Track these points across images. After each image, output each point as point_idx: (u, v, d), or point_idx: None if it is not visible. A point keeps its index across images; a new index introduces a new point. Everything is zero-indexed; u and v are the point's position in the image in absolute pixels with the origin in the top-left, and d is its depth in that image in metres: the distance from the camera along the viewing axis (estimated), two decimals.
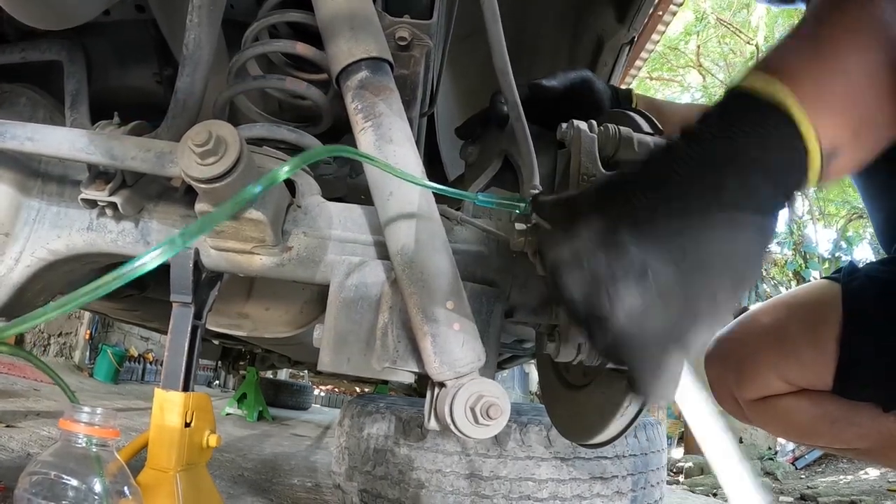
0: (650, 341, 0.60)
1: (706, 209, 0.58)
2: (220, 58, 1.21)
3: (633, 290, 0.58)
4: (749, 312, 1.47)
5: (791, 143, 0.60)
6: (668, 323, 0.59)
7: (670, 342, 0.60)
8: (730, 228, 0.58)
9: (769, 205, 0.60)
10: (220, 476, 2.72)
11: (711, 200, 0.58)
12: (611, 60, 2.05)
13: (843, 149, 0.63)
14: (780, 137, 0.60)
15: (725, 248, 0.59)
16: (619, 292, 0.59)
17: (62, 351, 7.62)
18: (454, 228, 0.95)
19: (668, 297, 0.58)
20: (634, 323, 0.59)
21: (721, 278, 0.59)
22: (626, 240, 0.59)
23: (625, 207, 0.61)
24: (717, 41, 17.29)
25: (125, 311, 2.62)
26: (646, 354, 0.60)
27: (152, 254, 0.47)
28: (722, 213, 0.58)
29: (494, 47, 0.89)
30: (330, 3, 0.93)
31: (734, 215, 0.58)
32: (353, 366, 0.86)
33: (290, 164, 0.61)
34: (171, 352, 1.00)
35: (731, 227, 0.58)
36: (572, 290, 0.62)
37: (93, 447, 0.84)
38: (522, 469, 1.78)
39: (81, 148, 0.92)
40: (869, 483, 5.07)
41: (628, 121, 1.00)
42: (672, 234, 0.59)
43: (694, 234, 0.58)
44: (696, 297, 0.59)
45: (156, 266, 0.48)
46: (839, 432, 1.34)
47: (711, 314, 0.60)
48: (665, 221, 0.59)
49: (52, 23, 0.98)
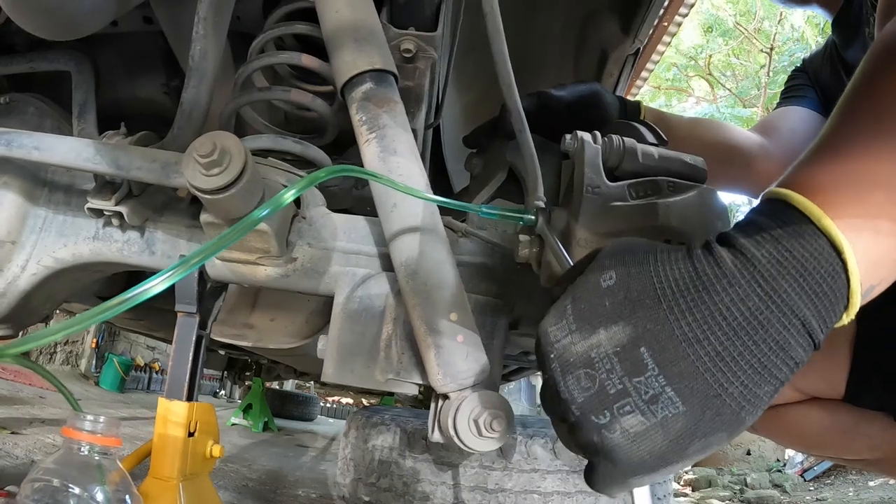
0: (628, 464, 0.58)
1: (739, 354, 0.55)
2: (227, 69, 1.21)
3: (638, 414, 0.56)
4: None
5: (839, 294, 0.57)
6: (653, 454, 0.57)
7: (646, 470, 0.58)
8: (753, 377, 0.56)
9: (799, 355, 0.57)
10: (225, 486, 2.72)
11: (746, 343, 0.55)
12: (616, 71, 2.04)
13: (879, 285, 0.61)
14: (832, 288, 0.57)
15: (741, 399, 0.56)
16: (624, 412, 0.57)
17: (68, 359, 7.64)
18: (459, 240, 0.95)
19: (667, 430, 0.56)
20: (624, 443, 0.57)
21: (723, 428, 0.57)
22: (648, 363, 0.57)
23: (655, 324, 0.58)
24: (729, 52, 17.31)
25: (131, 321, 2.63)
26: (618, 471, 0.58)
27: (160, 278, 0.47)
28: (752, 359, 0.55)
29: (498, 59, 0.89)
30: (335, 15, 0.93)
31: (762, 363, 0.56)
32: (356, 377, 0.86)
33: (296, 188, 0.61)
34: (176, 361, 1.00)
35: (754, 375, 0.56)
36: (574, 394, 0.59)
37: (95, 455, 0.84)
38: (528, 482, 1.77)
39: (88, 158, 0.93)
40: (878, 494, 5.04)
41: (633, 132, 0.99)
42: (697, 373, 0.56)
43: (717, 379, 0.56)
44: (692, 439, 0.57)
45: (163, 289, 0.48)
46: (850, 442, 1.32)
47: (696, 456, 0.58)
48: (693, 357, 0.56)
49: (59, 33, 0.99)
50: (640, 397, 0.56)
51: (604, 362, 0.58)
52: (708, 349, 0.56)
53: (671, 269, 0.59)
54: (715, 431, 0.57)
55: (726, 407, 0.56)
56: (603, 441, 0.58)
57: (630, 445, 0.57)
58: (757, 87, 16.63)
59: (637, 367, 0.57)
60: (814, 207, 0.58)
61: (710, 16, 16.95)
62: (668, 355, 0.56)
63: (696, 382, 0.56)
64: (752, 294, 0.56)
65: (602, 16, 1.90)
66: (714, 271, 0.57)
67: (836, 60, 1.78)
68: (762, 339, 0.55)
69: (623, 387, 0.57)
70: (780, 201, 0.60)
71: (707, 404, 0.56)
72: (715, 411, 0.56)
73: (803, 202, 0.58)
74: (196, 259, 0.50)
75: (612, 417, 0.57)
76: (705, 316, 0.56)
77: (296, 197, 0.61)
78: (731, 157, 1.61)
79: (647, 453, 0.57)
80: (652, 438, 0.57)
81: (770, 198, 0.62)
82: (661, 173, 0.90)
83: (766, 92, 15.29)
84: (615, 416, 0.57)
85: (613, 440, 0.57)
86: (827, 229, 0.57)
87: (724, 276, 0.57)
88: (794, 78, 1.95)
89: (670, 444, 0.57)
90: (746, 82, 17.54)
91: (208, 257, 0.51)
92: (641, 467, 0.58)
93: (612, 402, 0.57)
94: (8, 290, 1.05)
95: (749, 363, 0.55)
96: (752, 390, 0.56)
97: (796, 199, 0.59)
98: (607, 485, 0.61)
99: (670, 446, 0.57)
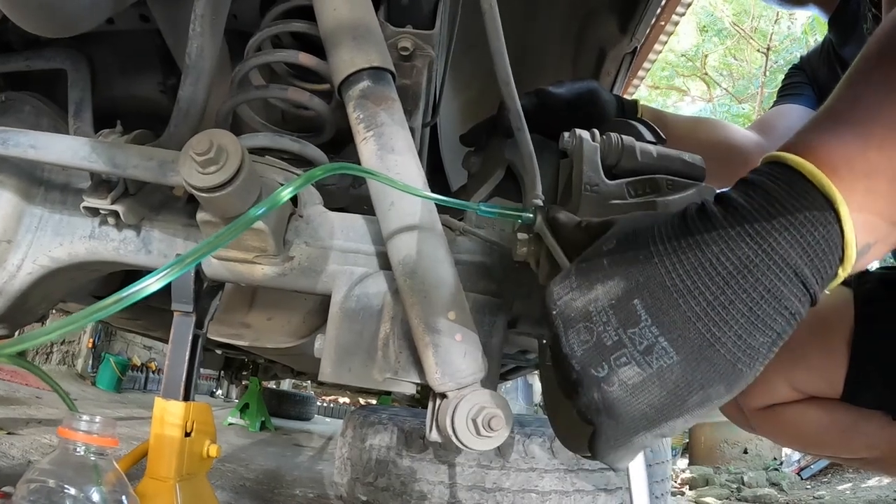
0: (629, 418, 0.59)
1: (730, 303, 0.56)
2: (224, 68, 1.21)
3: (634, 365, 0.57)
4: None
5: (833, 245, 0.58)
6: (653, 407, 0.58)
7: (647, 425, 0.59)
8: (746, 326, 0.56)
9: (794, 305, 0.57)
10: (222, 486, 2.71)
11: (737, 291, 0.56)
12: (613, 70, 2.05)
13: (877, 244, 0.61)
14: (825, 238, 0.57)
15: (735, 349, 0.57)
16: (621, 363, 0.58)
17: (65, 359, 7.62)
18: (457, 239, 0.95)
19: (664, 381, 0.57)
20: (624, 396, 0.58)
21: (720, 380, 0.57)
22: (641, 314, 0.58)
23: (647, 277, 0.59)
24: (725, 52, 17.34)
25: (128, 320, 2.63)
26: (620, 428, 0.59)
27: (155, 277, 0.47)
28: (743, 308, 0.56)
29: (496, 57, 0.88)
30: (332, 13, 0.93)
31: (754, 312, 0.56)
32: (354, 376, 0.85)
33: (292, 186, 0.60)
34: (172, 361, 1.00)
35: (747, 325, 0.56)
36: (574, 347, 0.61)
37: (91, 456, 0.83)
38: (526, 481, 1.77)
39: (84, 156, 0.92)
40: (875, 492, 5.04)
41: (631, 130, 0.99)
42: (688, 322, 0.57)
43: (709, 328, 0.56)
44: (690, 391, 0.57)
45: (158, 289, 0.47)
46: (847, 441, 1.32)
47: (696, 410, 0.59)
48: (684, 306, 0.57)
49: (54, 31, 0.98)
50: (635, 348, 0.58)
51: (600, 315, 0.60)
52: (699, 299, 0.57)
53: (665, 228, 0.61)
54: (712, 383, 0.57)
55: (720, 357, 0.57)
56: (603, 396, 0.59)
57: (629, 398, 0.58)
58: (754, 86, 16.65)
59: (631, 319, 0.58)
60: (805, 163, 0.59)
61: (706, 14, 16.98)
62: (661, 306, 0.58)
63: (689, 332, 0.57)
64: (741, 244, 0.57)
65: (601, 15, 1.91)
66: (704, 224, 0.59)
67: (833, 58, 1.79)
68: (753, 288, 0.56)
69: (619, 338, 0.58)
70: (774, 162, 0.62)
71: (700, 354, 0.57)
72: (709, 361, 0.57)
73: (795, 159, 0.60)
74: (191, 258, 0.49)
75: (610, 370, 0.58)
76: (695, 266, 0.57)
77: (293, 195, 0.60)
78: (730, 156, 1.61)
79: (647, 405, 0.58)
80: (649, 390, 0.58)
81: (765, 160, 0.63)
82: (660, 171, 0.90)
83: (763, 91, 15.30)
84: (612, 368, 0.58)
85: (613, 393, 0.58)
86: (818, 181, 0.58)
87: (714, 227, 0.58)
88: (792, 76, 1.95)
89: (668, 395, 0.58)
90: (743, 82, 17.56)
91: (204, 256, 0.51)
92: (642, 421, 0.59)
93: (609, 354, 0.58)
94: (4, 290, 1.05)
95: (741, 312, 0.56)
96: (745, 340, 0.56)
97: (789, 157, 0.60)
98: (611, 447, 0.61)
99: (668, 398, 0.58)
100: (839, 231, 0.57)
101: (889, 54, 0.66)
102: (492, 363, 0.84)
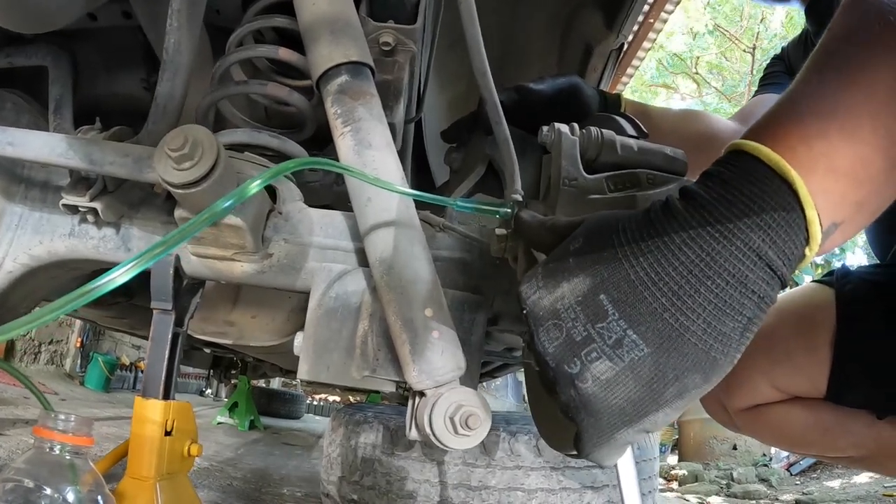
0: (608, 414, 0.59)
1: (695, 291, 0.56)
2: (206, 64, 1.20)
3: (605, 360, 0.58)
4: None
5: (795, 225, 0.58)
6: (630, 401, 0.58)
7: (627, 420, 0.59)
8: (714, 313, 0.56)
9: (761, 289, 0.57)
10: (209, 486, 2.70)
11: (701, 279, 0.57)
12: (600, 66, 2.05)
13: (843, 224, 0.61)
14: (786, 219, 0.57)
15: (706, 336, 0.57)
16: (592, 358, 0.58)
17: (53, 359, 7.57)
18: (437, 235, 0.94)
19: (637, 374, 0.57)
20: (598, 391, 0.58)
21: (694, 369, 0.57)
22: (608, 308, 0.58)
23: (612, 272, 0.60)
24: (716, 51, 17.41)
25: (114, 319, 2.61)
26: (600, 424, 0.59)
27: (122, 269, 0.46)
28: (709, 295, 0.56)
29: (472, 49, 0.88)
30: (311, 7, 0.92)
31: (721, 298, 0.56)
32: (332, 374, 0.85)
33: (261, 178, 0.59)
34: (152, 359, 0.99)
35: (715, 311, 0.56)
36: (546, 345, 0.61)
37: (66, 455, 0.83)
38: (511, 479, 1.76)
39: (61, 153, 0.91)
40: (864, 489, 5.06)
41: (612, 124, 0.99)
42: (655, 313, 0.57)
43: (677, 318, 0.57)
44: (665, 382, 0.57)
45: (127, 280, 0.47)
46: (833, 441, 1.32)
47: (675, 402, 0.58)
48: (650, 298, 0.57)
49: (32, 26, 0.97)
50: (604, 342, 0.58)
51: (568, 312, 0.60)
52: (664, 289, 0.57)
53: (629, 224, 0.62)
54: (687, 373, 0.57)
55: (690, 346, 0.57)
56: (578, 392, 0.59)
57: (604, 393, 0.58)
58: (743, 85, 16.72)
59: (598, 314, 0.59)
60: (761, 147, 0.59)
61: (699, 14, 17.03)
62: (627, 299, 0.58)
63: (657, 323, 0.57)
64: (703, 233, 0.57)
65: (586, 10, 1.91)
66: (667, 217, 0.59)
67: (810, 48, 1.79)
68: (718, 275, 0.56)
69: (588, 333, 0.59)
70: (733, 151, 0.62)
71: (671, 344, 0.57)
72: (680, 351, 0.57)
73: (751, 145, 0.60)
74: (158, 249, 0.49)
75: (583, 365, 0.59)
76: (658, 259, 0.58)
77: (262, 187, 0.59)
78: (711, 145, 1.62)
79: (623, 400, 0.58)
80: (624, 384, 0.58)
81: (727, 150, 0.64)
82: (641, 165, 0.90)
83: (750, 90, 15.36)
84: (584, 363, 0.59)
85: (587, 390, 0.59)
86: (775, 163, 0.58)
87: (675, 219, 0.59)
88: (772, 66, 1.98)
89: (644, 388, 0.58)
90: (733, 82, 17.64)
91: (171, 248, 0.50)
92: (621, 416, 0.59)
93: (579, 350, 0.59)
94: None
95: (707, 299, 0.56)
96: (716, 327, 0.57)
97: (746, 144, 0.61)
98: (594, 444, 0.61)
99: (644, 391, 0.58)
100: (800, 211, 0.57)
101: (846, 39, 0.66)
102: (472, 361, 0.83)
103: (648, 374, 0.57)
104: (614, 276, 0.59)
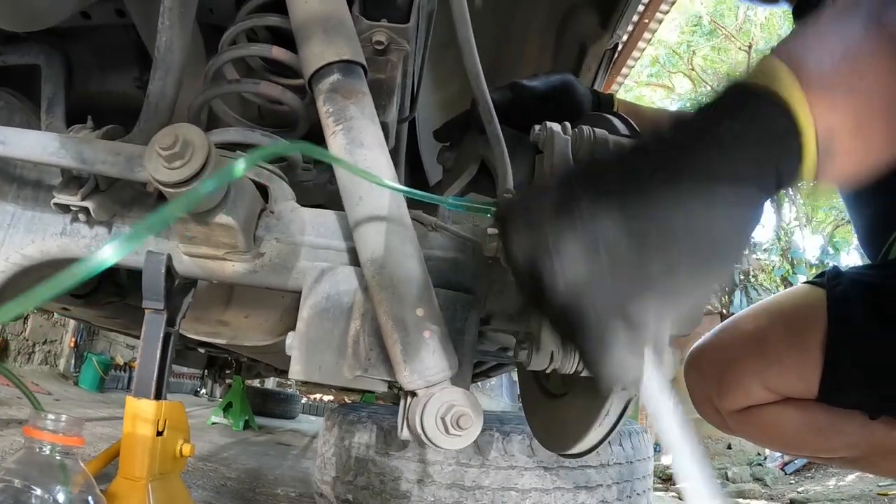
0: (593, 314, 0.55)
1: (675, 179, 0.55)
2: (199, 63, 1.19)
3: (579, 258, 0.55)
4: (730, 319, 1.46)
5: (781, 120, 0.57)
6: (613, 294, 0.55)
7: (614, 314, 0.55)
8: (702, 204, 0.55)
9: (751, 184, 0.56)
10: (203, 486, 2.70)
11: (684, 172, 0.55)
12: (595, 66, 2.05)
13: (841, 139, 0.59)
14: (771, 114, 0.57)
15: (694, 225, 0.55)
16: (563, 258, 0.55)
17: (47, 359, 7.56)
18: (429, 234, 0.94)
19: (619, 270, 0.55)
20: (576, 293, 0.55)
21: (682, 253, 0.55)
22: (581, 205, 0.56)
23: (586, 174, 0.60)
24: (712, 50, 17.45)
25: (108, 319, 2.60)
26: (589, 329, 0.56)
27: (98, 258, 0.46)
28: (694, 187, 0.55)
29: (465, 50, 0.88)
30: (303, 6, 0.92)
31: (708, 191, 0.55)
32: (324, 374, 0.84)
33: (248, 160, 0.59)
34: (143, 359, 0.98)
35: (702, 202, 0.55)
36: (517, 251, 0.59)
37: (56, 455, 0.82)
38: (505, 479, 1.77)
39: (52, 152, 0.91)
40: (859, 488, 5.08)
41: (605, 123, 0.99)
42: (632, 203, 0.55)
43: (656, 204, 0.55)
44: (649, 269, 0.55)
45: (104, 269, 0.46)
46: (825, 441, 1.32)
47: (665, 287, 0.56)
48: (624, 188, 0.56)
49: (24, 24, 0.97)
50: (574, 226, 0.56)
51: (536, 205, 0.60)
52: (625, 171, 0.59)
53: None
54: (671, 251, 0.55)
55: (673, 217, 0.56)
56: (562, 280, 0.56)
57: (585, 292, 0.55)
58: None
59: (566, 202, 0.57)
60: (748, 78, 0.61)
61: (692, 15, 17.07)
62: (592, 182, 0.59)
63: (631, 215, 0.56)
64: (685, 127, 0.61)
65: (581, 10, 1.91)
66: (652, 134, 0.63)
67: None
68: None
69: (557, 220, 0.57)
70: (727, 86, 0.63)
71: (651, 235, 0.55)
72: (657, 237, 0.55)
73: (738, 72, 0.62)
74: (134, 236, 0.48)
75: (557, 252, 0.56)
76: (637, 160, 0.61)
77: (250, 168, 0.59)
78: None
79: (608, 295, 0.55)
80: (607, 281, 0.55)
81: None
82: None
83: None
84: (558, 251, 0.56)
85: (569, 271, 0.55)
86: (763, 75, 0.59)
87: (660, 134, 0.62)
88: None
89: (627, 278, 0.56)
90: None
91: (147, 235, 0.50)
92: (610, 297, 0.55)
93: (552, 236, 0.56)
94: None
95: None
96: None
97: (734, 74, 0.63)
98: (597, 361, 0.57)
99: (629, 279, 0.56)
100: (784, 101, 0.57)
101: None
102: (464, 360, 0.83)
103: (630, 267, 0.55)
104: (587, 176, 0.60)
